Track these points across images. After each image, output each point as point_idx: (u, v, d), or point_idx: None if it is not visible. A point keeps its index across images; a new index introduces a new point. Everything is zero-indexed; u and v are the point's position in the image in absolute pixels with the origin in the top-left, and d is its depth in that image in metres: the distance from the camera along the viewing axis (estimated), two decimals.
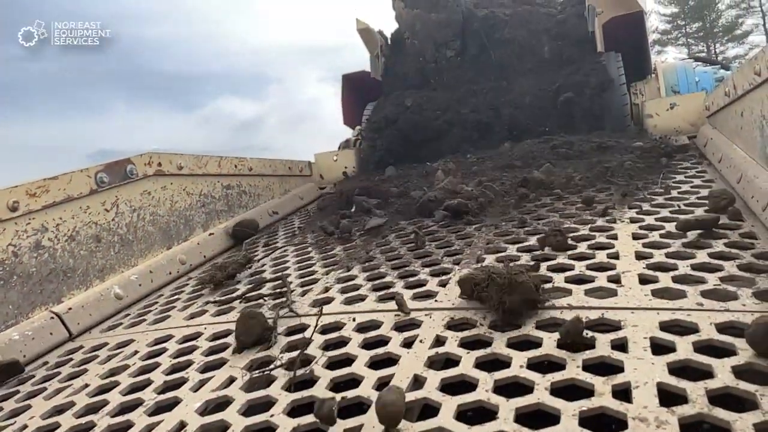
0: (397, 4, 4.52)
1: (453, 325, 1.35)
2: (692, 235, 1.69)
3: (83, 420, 1.28)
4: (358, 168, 4.23)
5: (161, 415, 1.21)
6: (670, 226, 1.80)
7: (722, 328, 1.14)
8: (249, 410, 1.17)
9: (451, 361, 1.20)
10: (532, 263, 1.61)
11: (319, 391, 1.15)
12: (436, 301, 1.51)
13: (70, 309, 1.94)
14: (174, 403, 1.26)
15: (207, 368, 1.40)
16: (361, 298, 1.65)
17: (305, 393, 1.16)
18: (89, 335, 1.92)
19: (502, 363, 1.14)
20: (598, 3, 4.02)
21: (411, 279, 1.73)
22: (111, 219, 2.25)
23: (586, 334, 1.17)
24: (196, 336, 1.63)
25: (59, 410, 1.38)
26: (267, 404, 1.16)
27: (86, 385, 1.47)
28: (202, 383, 1.32)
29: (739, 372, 0.98)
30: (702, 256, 1.52)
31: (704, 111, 3.24)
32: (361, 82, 4.79)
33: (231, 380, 1.30)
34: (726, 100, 2.48)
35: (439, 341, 1.29)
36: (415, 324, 1.39)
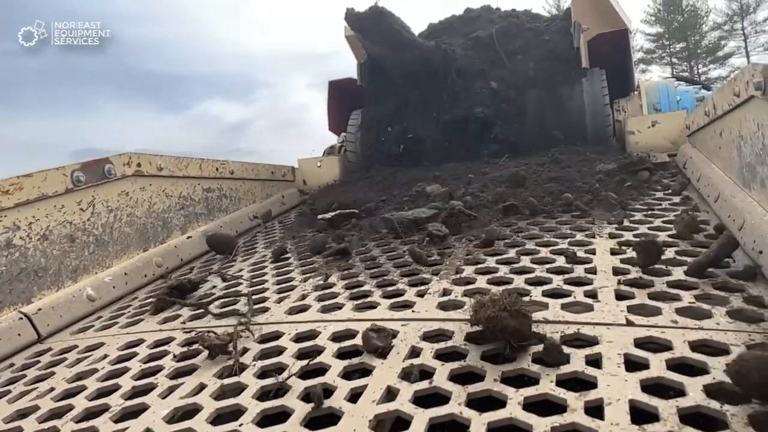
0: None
1: (429, 336, 1.34)
2: (670, 252, 1.70)
3: (46, 425, 1.24)
4: (341, 175, 4.22)
5: (127, 422, 1.18)
6: None
7: (696, 346, 1.14)
8: (218, 419, 1.14)
9: (425, 373, 1.18)
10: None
11: (291, 401, 1.13)
12: (413, 311, 1.50)
13: (39, 310, 1.89)
14: (141, 410, 1.22)
15: (177, 374, 1.38)
16: (338, 307, 1.64)
17: (276, 402, 1.14)
18: (59, 337, 1.88)
19: (476, 376, 1.13)
20: (583, 20, 4.07)
21: (389, 288, 1.72)
22: (86, 219, 2.21)
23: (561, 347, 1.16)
24: (168, 341, 1.60)
25: (22, 414, 1.34)
26: (236, 413, 1.14)
27: (52, 389, 1.43)
28: (171, 390, 1.29)
29: (710, 391, 0.98)
30: (678, 274, 1.53)
31: (685, 130, 3.28)
32: (347, 89, 4.78)
33: (201, 387, 1.28)
34: (706, 119, 2.52)
35: (414, 352, 1.27)
36: (391, 334, 1.38)
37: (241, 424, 1.08)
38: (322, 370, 1.25)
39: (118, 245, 2.34)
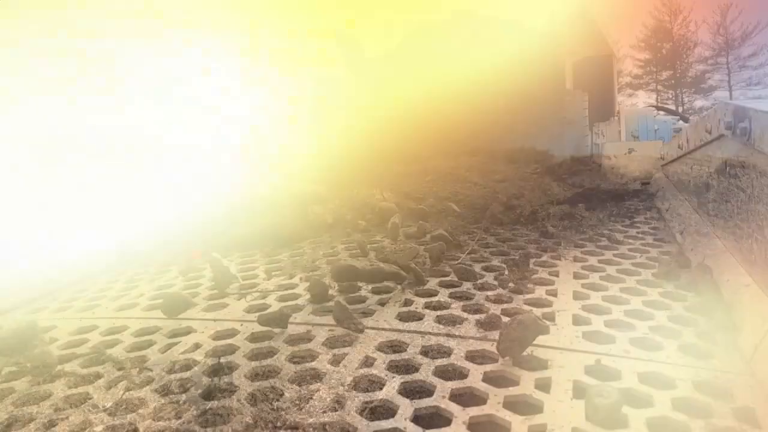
0: None
1: (385, 346, 1.34)
2: (631, 281, 1.72)
3: None
4: None
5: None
6: (612, 269, 1.83)
7: (644, 378, 1.15)
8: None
9: (375, 384, 1.17)
10: None
11: (232, 402, 1.11)
12: (372, 319, 1.50)
13: None
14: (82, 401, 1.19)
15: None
16: (299, 308, 1.62)
17: (216, 404, 1.11)
18: None
19: (426, 391, 1.13)
20: (572, 41, 4.12)
21: (351, 294, 1.70)
22: None
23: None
24: (92, 328, 1.57)
25: None
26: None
27: None
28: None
29: (653, 425, 0.99)
30: (636, 303, 1.54)
31: (659, 160, 3.34)
32: None
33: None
34: (679, 152, 2.56)
35: (367, 362, 1.26)
36: (347, 341, 1.37)
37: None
38: (273, 372, 1.24)
39: None
